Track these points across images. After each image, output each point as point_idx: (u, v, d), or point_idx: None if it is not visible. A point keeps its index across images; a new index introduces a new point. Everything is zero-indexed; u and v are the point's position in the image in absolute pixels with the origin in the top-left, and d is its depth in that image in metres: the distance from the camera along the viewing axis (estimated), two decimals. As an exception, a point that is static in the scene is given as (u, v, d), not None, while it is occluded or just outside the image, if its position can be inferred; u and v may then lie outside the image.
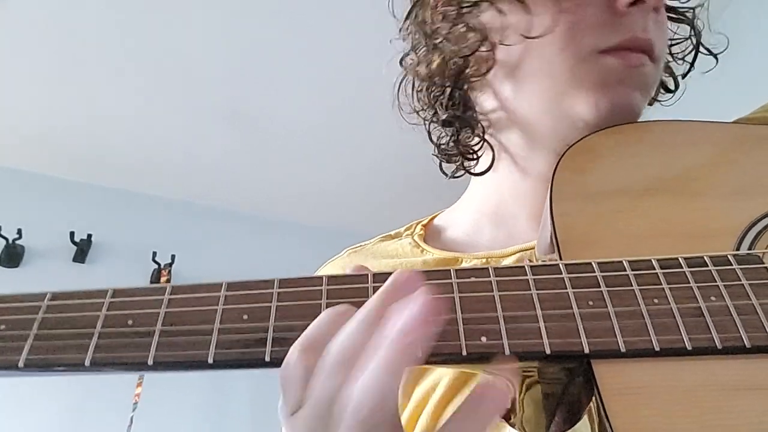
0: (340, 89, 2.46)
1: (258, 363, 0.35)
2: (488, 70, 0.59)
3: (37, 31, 2.24)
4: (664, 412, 0.35)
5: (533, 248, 0.56)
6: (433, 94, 0.64)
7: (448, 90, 0.62)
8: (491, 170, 0.65)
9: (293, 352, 0.34)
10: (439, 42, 0.61)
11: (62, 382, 2.54)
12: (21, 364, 0.35)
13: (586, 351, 0.36)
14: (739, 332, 0.36)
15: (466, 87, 0.62)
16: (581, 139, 0.51)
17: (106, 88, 2.50)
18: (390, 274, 0.38)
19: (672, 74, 0.64)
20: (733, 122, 0.56)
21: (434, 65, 0.62)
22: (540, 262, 0.44)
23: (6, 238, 2.72)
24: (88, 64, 2.38)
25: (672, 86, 0.64)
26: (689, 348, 0.36)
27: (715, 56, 0.64)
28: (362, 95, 2.00)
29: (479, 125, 0.63)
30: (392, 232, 0.69)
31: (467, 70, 0.60)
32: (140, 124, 2.71)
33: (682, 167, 0.49)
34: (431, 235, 0.67)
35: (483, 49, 0.58)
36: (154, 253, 2.92)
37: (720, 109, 0.57)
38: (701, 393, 0.35)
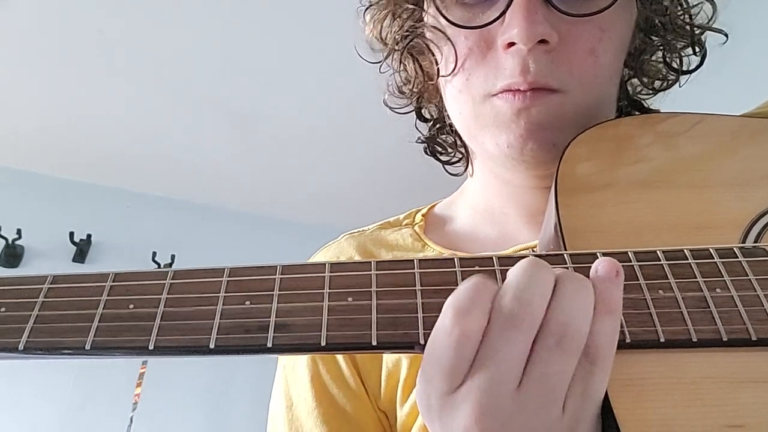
0: (340, 89, 2.46)
1: (260, 349, 0.35)
2: (437, 92, 0.63)
3: (37, 31, 2.24)
4: (668, 403, 0.35)
5: (533, 248, 0.55)
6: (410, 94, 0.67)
7: (416, 97, 0.66)
8: (472, 171, 0.68)
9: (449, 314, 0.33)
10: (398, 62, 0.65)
11: (63, 382, 2.54)
12: (21, 346, 0.35)
13: (591, 341, 0.35)
14: (745, 325, 0.36)
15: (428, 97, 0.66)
16: (585, 130, 0.51)
17: (106, 88, 2.50)
18: (390, 262, 0.37)
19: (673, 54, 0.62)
20: (740, 116, 0.56)
21: (401, 78, 0.66)
22: (545, 252, 0.43)
23: (6, 238, 2.72)
24: (88, 64, 2.38)
25: (677, 65, 0.62)
26: (694, 340, 0.36)
27: (725, 34, 0.61)
28: (361, 95, 2.00)
29: (448, 126, 0.66)
30: (391, 219, 0.69)
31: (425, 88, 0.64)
32: (140, 124, 2.71)
33: (687, 159, 0.49)
34: (431, 226, 0.67)
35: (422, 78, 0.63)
36: (154, 253, 2.92)
37: (720, 109, 0.57)
38: (705, 385, 0.35)
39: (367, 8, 0.64)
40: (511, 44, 0.51)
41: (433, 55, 0.59)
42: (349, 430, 0.56)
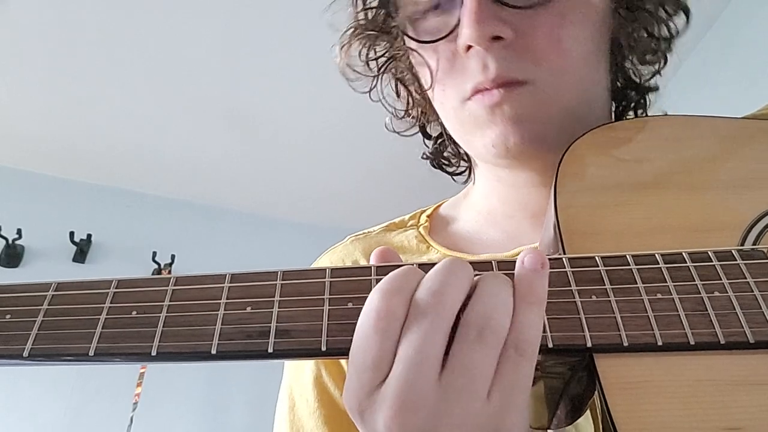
0: (340, 89, 2.45)
1: (261, 355, 0.35)
2: (433, 108, 0.63)
3: (37, 32, 2.24)
4: (666, 406, 0.35)
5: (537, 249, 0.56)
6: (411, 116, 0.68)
7: (418, 118, 0.68)
8: (474, 176, 0.68)
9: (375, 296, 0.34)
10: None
11: (63, 382, 2.54)
12: (26, 353, 0.35)
13: (589, 345, 0.36)
14: (743, 327, 0.36)
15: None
16: (585, 133, 0.51)
17: (106, 88, 2.50)
18: (393, 266, 0.38)
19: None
20: (740, 118, 0.56)
21: (399, 104, 0.68)
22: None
23: (6, 238, 2.72)
24: (88, 64, 2.38)
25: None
26: (692, 343, 0.36)
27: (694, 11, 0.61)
28: (362, 96, 2.01)
29: (449, 137, 0.66)
30: (396, 220, 0.69)
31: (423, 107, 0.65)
32: (140, 124, 2.71)
33: (687, 161, 0.49)
34: (436, 227, 0.67)
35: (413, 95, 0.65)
36: (154, 253, 2.93)
37: (719, 109, 0.57)
38: (702, 388, 0.35)
39: (344, 44, 0.66)
40: (470, 47, 0.52)
41: (414, 74, 0.61)
42: None
